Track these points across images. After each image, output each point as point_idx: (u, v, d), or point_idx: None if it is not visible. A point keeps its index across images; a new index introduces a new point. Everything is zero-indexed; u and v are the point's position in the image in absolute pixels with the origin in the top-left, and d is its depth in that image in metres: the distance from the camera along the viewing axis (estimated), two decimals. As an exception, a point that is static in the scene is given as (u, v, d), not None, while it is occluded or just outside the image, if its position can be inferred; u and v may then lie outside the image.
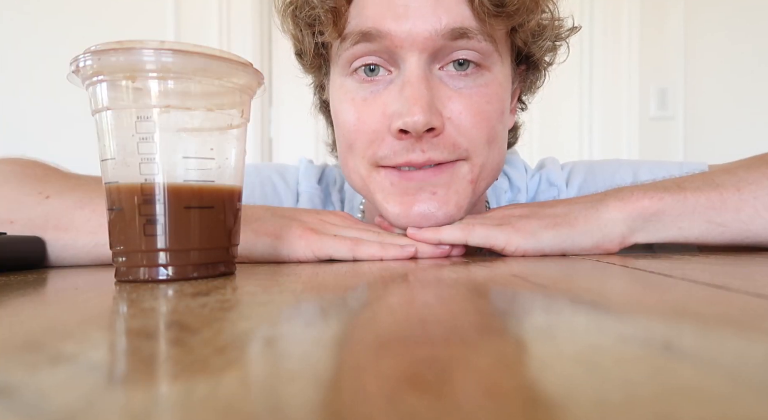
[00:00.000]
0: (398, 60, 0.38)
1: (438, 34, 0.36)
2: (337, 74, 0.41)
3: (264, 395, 0.09)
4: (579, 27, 0.43)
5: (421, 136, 0.36)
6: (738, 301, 0.17)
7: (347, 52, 0.39)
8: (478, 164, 0.39)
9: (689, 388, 0.09)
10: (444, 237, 0.38)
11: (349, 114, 0.40)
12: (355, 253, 0.36)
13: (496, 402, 0.08)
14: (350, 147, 0.40)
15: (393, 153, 0.38)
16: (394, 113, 0.37)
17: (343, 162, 0.43)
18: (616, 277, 0.25)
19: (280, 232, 0.36)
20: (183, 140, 0.25)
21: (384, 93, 0.38)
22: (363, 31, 0.37)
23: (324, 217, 0.40)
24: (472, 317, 0.15)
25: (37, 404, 0.09)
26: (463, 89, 0.38)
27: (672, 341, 0.12)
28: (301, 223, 0.38)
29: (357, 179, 0.41)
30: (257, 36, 1.54)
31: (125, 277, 0.25)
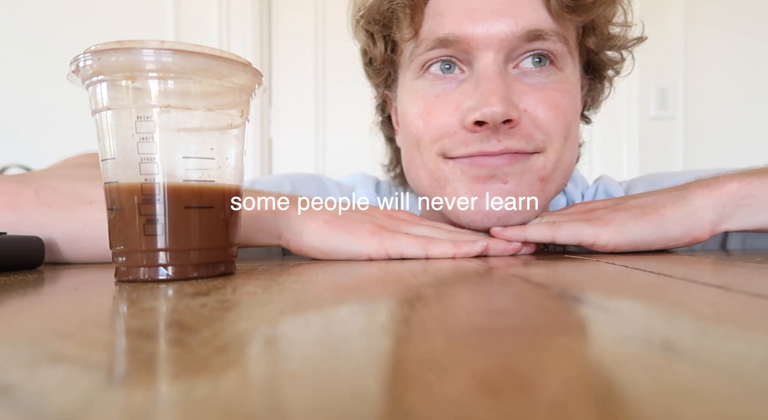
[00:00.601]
0: (472, 60, 0.38)
1: (514, 36, 0.37)
2: (407, 78, 0.42)
3: (264, 395, 0.09)
4: (645, 37, 0.43)
5: (497, 127, 0.36)
6: (738, 301, 0.17)
7: (421, 56, 0.40)
8: (552, 159, 0.39)
9: (689, 388, 0.09)
10: (530, 235, 0.38)
11: (420, 110, 0.40)
12: (428, 251, 0.36)
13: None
14: (418, 143, 0.41)
15: (464, 144, 0.38)
16: (469, 108, 0.37)
17: (410, 162, 0.43)
18: (616, 277, 0.25)
19: (352, 227, 0.36)
20: (183, 140, 0.25)
21: (457, 90, 0.39)
22: (440, 37, 0.38)
23: (394, 215, 0.40)
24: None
25: (37, 404, 0.09)
26: (537, 84, 0.38)
27: (672, 341, 0.12)
28: (372, 220, 0.38)
29: (424, 176, 0.41)
30: (257, 36, 1.54)
31: (125, 277, 0.25)
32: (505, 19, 0.37)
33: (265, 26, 1.60)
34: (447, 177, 0.40)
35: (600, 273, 0.27)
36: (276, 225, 0.37)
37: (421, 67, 0.40)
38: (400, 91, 0.44)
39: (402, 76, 0.43)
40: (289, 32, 1.62)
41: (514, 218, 0.39)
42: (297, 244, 0.37)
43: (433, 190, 0.41)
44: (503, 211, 0.38)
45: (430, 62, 0.40)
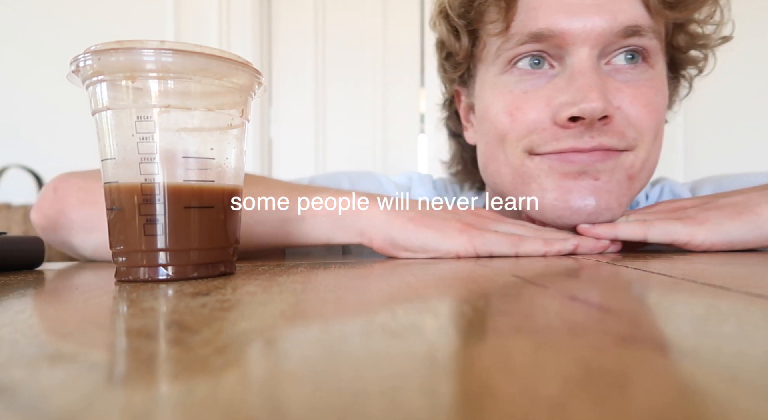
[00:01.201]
0: (564, 55, 0.38)
1: (612, 31, 0.36)
2: (491, 73, 0.42)
3: (264, 395, 0.09)
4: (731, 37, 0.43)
5: (592, 123, 0.36)
6: (738, 301, 0.17)
7: (510, 51, 0.39)
8: (641, 158, 0.38)
9: (690, 388, 0.09)
10: (621, 233, 0.37)
11: (507, 106, 0.39)
12: (519, 249, 0.36)
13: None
14: (503, 138, 0.40)
15: (555, 140, 0.38)
16: (563, 103, 0.37)
17: (490, 158, 0.42)
18: (616, 277, 0.25)
19: (439, 225, 0.36)
20: (183, 140, 0.25)
21: (547, 86, 0.38)
22: (533, 32, 0.38)
23: (477, 212, 0.40)
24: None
25: (37, 404, 0.09)
26: (630, 81, 0.38)
27: (672, 341, 0.12)
28: (458, 218, 0.37)
29: (506, 172, 0.41)
30: (257, 36, 1.54)
31: (125, 277, 0.25)
32: (603, 14, 0.36)
33: (265, 26, 1.60)
34: (532, 173, 0.39)
35: (600, 273, 0.27)
36: (358, 222, 0.36)
37: (508, 62, 0.40)
38: (481, 87, 0.43)
39: (484, 71, 0.43)
40: (289, 32, 1.62)
41: (604, 216, 0.38)
42: (381, 242, 0.36)
43: (514, 186, 0.41)
44: (593, 208, 0.38)
45: (519, 57, 0.39)
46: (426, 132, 1.69)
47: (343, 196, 0.36)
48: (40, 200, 0.40)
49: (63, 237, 0.39)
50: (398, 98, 1.68)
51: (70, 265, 0.37)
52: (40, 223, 0.40)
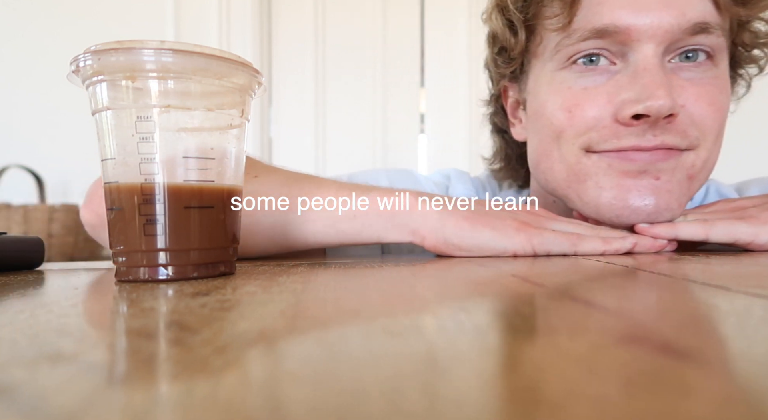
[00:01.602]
0: (628, 52, 0.37)
1: (680, 28, 0.36)
2: (547, 69, 0.41)
3: (264, 395, 0.09)
4: None
5: (656, 121, 0.36)
6: (738, 301, 0.17)
7: (570, 47, 0.39)
8: (702, 158, 0.38)
9: (689, 388, 0.09)
10: (682, 233, 0.37)
11: (565, 102, 0.39)
12: (578, 248, 0.35)
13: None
14: (559, 135, 0.40)
15: (615, 138, 0.37)
16: (626, 101, 0.36)
17: (543, 154, 0.42)
18: (616, 277, 0.25)
19: (496, 223, 0.36)
20: (183, 140, 0.25)
21: (609, 83, 0.38)
22: (597, 28, 0.37)
23: (532, 210, 0.39)
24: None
25: (37, 404, 0.09)
26: (694, 79, 0.38)
27: (672, 341, 0.12)
28: (514, 216, 0.37)
29: (560, 169, 0.41)
30: (257, 36, 1.54)
31: (125, 277, 0.25)
32: (671, 10, 0.36)
33: (265, 26, 1.60)
34: (589, 171, 0.39)
35: (600, 273, 0.27)
36: (410, 221, 0.36)
37: (567, 58, 0.39)
38: (535, 83, 0.43)
39: (540, 66, 0.42)
40: (289, 32, 1.62)
41: (663, 216, 0.38)
42: (434, 241, 0.36)
43: (568, 184, 0.41)
44: (653, 208, 0.37)
45: (580, 54, 0.39)
46: (426, 132, 1.69)
47: (394, 195, 0.36)
48: (90, 198, 0.39)
49: None
50: (398, 98, 1.68)
51: (70, 265, 0.37)
52: (92, 221, 0.39)
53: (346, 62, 1.66)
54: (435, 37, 1.68)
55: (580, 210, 0.41)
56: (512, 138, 0.50)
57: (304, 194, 0.35)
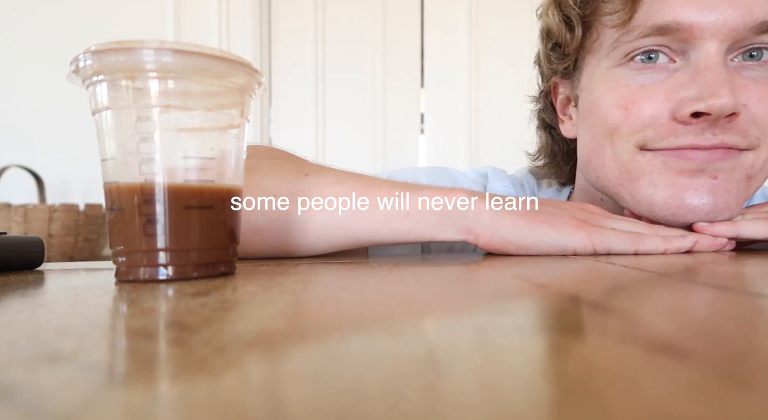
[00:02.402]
0: (689, 49, 0.37)
1: (746, 26, 0.35)
2: (603, 65, 0.41)
3: (264, 395, 0.09)
4: None
5: (716, 120, 0.35)
6: (738, 301, 0.17)
7: (629, 44, 0.38)
8: (762, 158, 0.38)
9: (689, 388, 0.09)
10: (744, 232, 0.36)
11: (621, 99, 0.39)
12: (639, 246, 0.35)
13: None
14: (613, 132, 0.39)
15: (673, 136, 0.37)
16: (687, 99, 0.36)
17: (595, 152, 0.42)
18: (616, 277, 0.25)
19: (554, 221, 0.35)
20: (183, 140, 0.25)
21: (668, 80, 0.38)
22: (659, 25, 0.37)
23: (586, 208, 0.39)
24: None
25: (37, 404, 0.09)
26: (757, 78, 0.37)
27: (671, 341, 0.12)
28: (571, 215, 0.37)
29: (612, 167, 0.40)
30: (257, 36, 1.54)
31: (125, 277, 0.25)
32: (737, 8, 0.35)
33: (265, 26, 1.60)
34: (643, 169, 0.38)
35: (600, 273, 0.27)
36: (464, 219, 0.35)
37: (625, 55, 0.39)
38: (589, 79, 0.42)
39: (594, 63, 0.42)
40: (289, 32, 1.62)
41: (722, 215, 0.37)
42: (489, 239, 0.35)
43: (619, 181, 0.40)
44: (710, 207, 0.37)
45: (639, 51, 0.38)
46: (426, 132, 1.69)
47: (447, 193, 0.35)
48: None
49: None
50: (398, 98, 1.68)
51: (70, 265, 0.37)
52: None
53: (346, 62, 1.66)
54: (435, 37, 1.68)
55: (632, 208, 0.41)
56: (560, 135, 0.50)
57: (355, 193, 0.35)
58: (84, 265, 0.36)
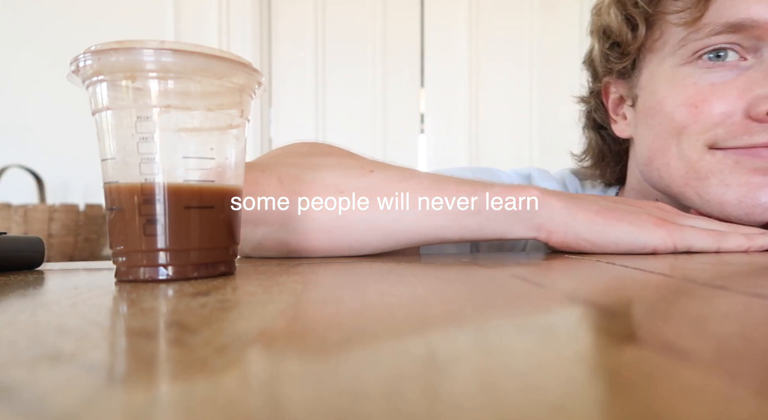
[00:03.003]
0: (762, 47, 0.37)
1: None
2: (668, 64, 0.41)
3: (264, 396, 0.09)
4: None
5: None
6: (738, 301, 0.17)
7: (698, 42, 0.38)
8: None
9: (689, 388, 0.09)
10: None
11: (690, 98, 0.38)
12: (721, 244, 0.34)
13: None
14: (680, 131, 0.39)
15: (747, 134, 0.37)
16: (762, 96, 0.36)
17: (659, 151, 0.41)
18: (616, 277, 0.25)
19: (632, 218, 0.35)
20: (183, 140, 0.25)
21: (740, 78, 0.38)
22: (732, 22, 0.36)
23: (660, 206, 0.39)
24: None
25: (37, 404, 0.09)
26: None
27: (672, 341, 0.12)
28: (648, 212, 0.36)
29: (678, 166, 0.40)
30: (257, 36, 1.54)
31: (125, 277, 0.25)
32: None
33: (265, 26, 1.60)
34: (713, 168, 0.38)
35: (600, 273, 0.27)
36: (536, 217, 0.35)
37: (693, 53, 0.39)
38: (650, 78, 0.42)
39: (657, 61, 0.42)
40: (289, 32, 1.62)
41: None
42: (563, 237, 0.35)
43: (685, 181, 0.40)
44: None
45: (708, 48, 0.38)
46: (426, 132, 1.69)
47: (518, 189, 0.35)
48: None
49: None
50: (398, 98, 1.68)
51: (70, 265, 0.37)
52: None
53: (346, 62, 1.66)
54: (435, 37, 1.68)
55: (699, 208, 0.40)
56: (610, 135, 0.49)
57: (424, 190, 0.35)
58: (84, 265, 0.36)
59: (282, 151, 0.42)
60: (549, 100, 1.64)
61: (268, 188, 0.35)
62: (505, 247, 0.48)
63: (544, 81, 1.64)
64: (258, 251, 0.38)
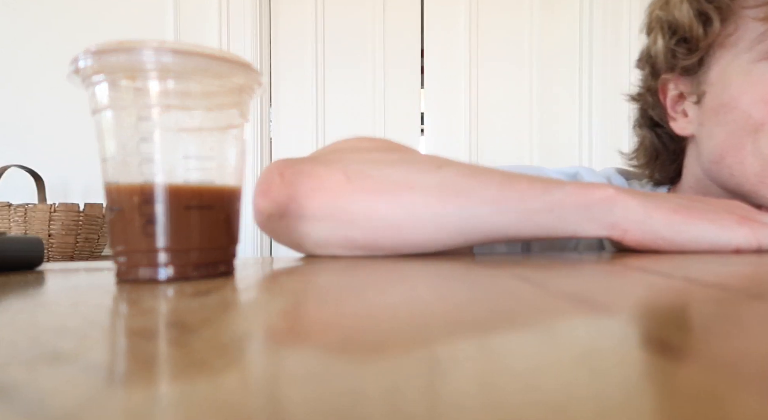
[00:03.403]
0: None
1: None
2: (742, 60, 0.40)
3: (264, 396, 0.09)
4: None
5: None
6: (738, 301, 0.17)
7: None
8: None
9: (689, 388, 0.09)
10: None
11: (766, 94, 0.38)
12: None
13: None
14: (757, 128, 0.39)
15: None
16: None
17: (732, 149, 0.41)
18: (617, 277, 0.25)
19: (713, 216, 0.34)
20: (183, 140, 0.25)
21: None
22: None
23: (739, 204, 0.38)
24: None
25: (37, 404, 0.09)
26: None
27: (672, 341, 0.12)
28: (728, 210, 0.35)
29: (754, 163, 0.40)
30: (257, 36, 1.54)
31: (125, 277, 0.25)
32: None
33: (265, 26, 1.60)
34: None
35: (600, 273, 0.27)
36: (610, 215, 0.34)
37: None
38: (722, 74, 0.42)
39: (729, 57, 0.41)
40: (289, 32, 1.62)
41: None
42: (639, 235, 0.34)
43: (760, 179, 0.40)
44: None
45: None
46: (426, 132, 1.69)
47: (591, 187, 0.34)
48: (266, 186, 0.37)
49: (290, 224, 0.36)
50: (398, 98, 1.68)
51: (70, 265, 0.37)
52: (269, 209, 0.37)
53: (346, 62, 1.66)
54: (435, 37, 1.68)
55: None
56: (667, 133, 0.49)
57: (495, 187, 0.34)
58: (84, 265, 0.36)
59: (338, 146, 0.41)
60: (549, 100, 1.64)
61: (333, 183, 0.34)
62: (556, 246, 0.47)
63: (544, 81, 1.64)
64: (321, 248, 0.37)
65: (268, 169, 0.37)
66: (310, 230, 0.36)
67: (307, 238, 0.37)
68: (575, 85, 1.64)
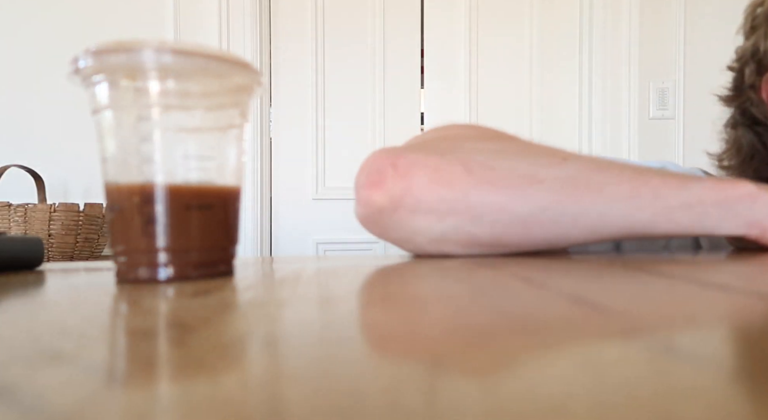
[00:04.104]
0: None
1: None
2: None
3: (264, 396, 0.09)
4: None
5: None
6: (738, 301, 0.17)
7: None
8: None
9: (689, 388, 0.09)
10: None
11: None
12: None
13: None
14: None
15: None
16: None
17: None
18: (617, 277, 0.25)
19: None
20: (183, 140, 0.25)
21: None
22: None
23: None
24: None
25: (37, 404, 0.09)
26: None
27: (672, 341, 0.12)
28: None
29: None
30: (257, 36, 1.54)
31: (125, 277, 0.25)
32: None
33: (265, 26, 1.60)
34: None
35: (601, 273, 0.27)
36: (750, 212, 0.33)
37: None
38: None
39: None
40: (289, 32, 1.62)
41: None
42: None
43: None
44: None
45: None
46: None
47: (730, 184, 0.33)
48: (378, 177, 0.34)
49: (403, 219, 0.34)
50: (398, 98, 1.68)
51: (70, 265, 0.37)
52: (381, 202, 0.34)
53: (346, 62, 1.66)
54: (435, 37, 1.68)
55: None
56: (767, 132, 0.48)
57: (627, 181, 0.32)
58: (84, 265, 0.36)
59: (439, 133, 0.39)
60: (549, 100, 1.64)
61: (453, 176, 0.32)
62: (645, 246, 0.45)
63: (544, 81, 1.64)
64: (439, 245, 0.35)
65: (373, 158, 0.34)
66: (427, 225, 0.34)
67: (422, 234, 0.34)
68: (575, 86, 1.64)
